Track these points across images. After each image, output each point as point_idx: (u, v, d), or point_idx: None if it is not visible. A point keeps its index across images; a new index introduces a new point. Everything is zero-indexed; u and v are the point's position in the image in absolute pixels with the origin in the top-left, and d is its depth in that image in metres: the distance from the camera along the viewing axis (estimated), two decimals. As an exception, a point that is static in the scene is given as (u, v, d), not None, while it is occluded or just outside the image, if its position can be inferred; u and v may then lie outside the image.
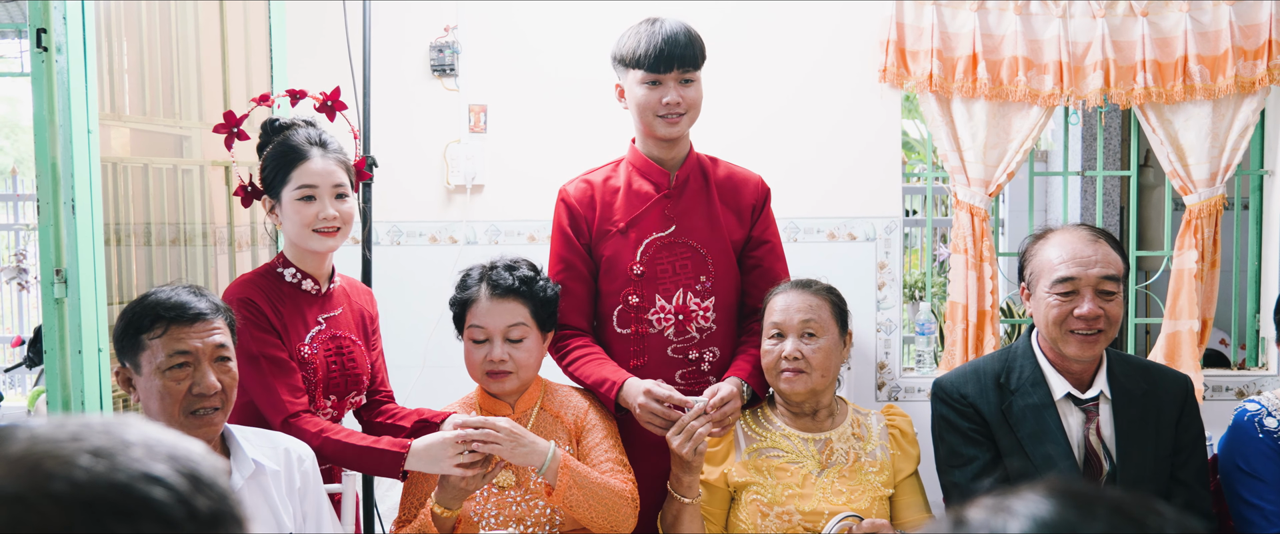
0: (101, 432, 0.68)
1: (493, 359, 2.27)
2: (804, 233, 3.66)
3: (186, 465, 0.69)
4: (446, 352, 2.88)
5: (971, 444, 2.29)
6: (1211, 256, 3.52)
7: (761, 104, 3.66)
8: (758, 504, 2.25)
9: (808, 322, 2.29)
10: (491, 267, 2.33)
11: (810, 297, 2.33)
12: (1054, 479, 0.71)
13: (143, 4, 2.85)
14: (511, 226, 3.74)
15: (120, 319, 1.92)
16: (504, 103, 3.73)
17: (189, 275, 2.98)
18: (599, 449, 2.29)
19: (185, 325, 1.88)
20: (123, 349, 1.91)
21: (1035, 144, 3.61)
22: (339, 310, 2.34)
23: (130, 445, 0.68)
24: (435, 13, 3.71)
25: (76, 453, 0.66)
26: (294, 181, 2.23)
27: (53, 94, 2.33)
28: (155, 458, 0.67)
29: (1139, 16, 3.45)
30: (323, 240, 2.25)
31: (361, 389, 2.37)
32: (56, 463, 0.65)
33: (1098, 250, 2.24)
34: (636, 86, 2.39)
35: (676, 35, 2.37)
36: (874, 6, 3.57)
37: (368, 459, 2.15)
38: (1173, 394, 2.31)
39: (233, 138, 2.35)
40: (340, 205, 2.25)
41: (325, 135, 2.30)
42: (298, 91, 2.43)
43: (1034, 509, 0.69)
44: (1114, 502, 0.69)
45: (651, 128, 2.41)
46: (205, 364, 1.90)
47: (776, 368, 2.30)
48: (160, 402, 1.87)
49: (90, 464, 0.65)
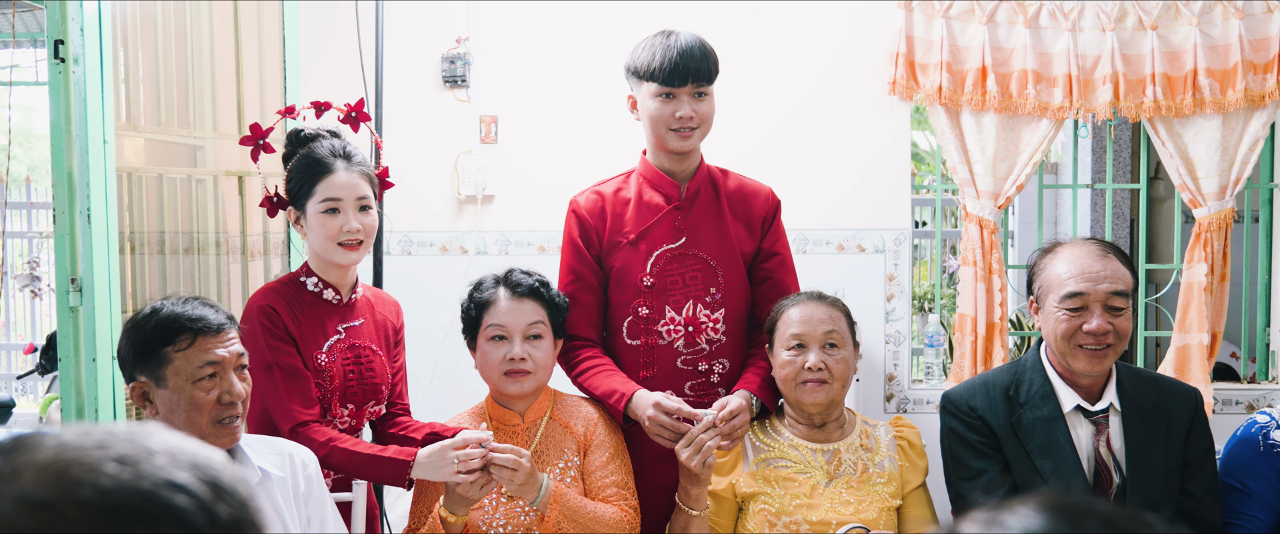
0: (126, 440, 0.70)
1: (514, 357, 2.28)
2: (813, 244, 3.67)
3: (209, 473, 0.70)
4: (457, 361, 2.90)
5: (980, 457, 2.29)
6: (1221, 270, 3.52)
7: (771, 116, 3.67)
8: (765, 514, 2.26)
9: (830, 332, 2.30)
10: (508, 272, 2.37)
11: (829, 308, 2.34)
12: (1046, 492, 0.73)
13: (159, 16, 2.88)
14: (522, 237, 3.75)
15: (132, 336, 1.92)
16: (515, 114, 3.75)
17: (202, 284, 3.00)
18: (603, 471, 2.30)
19: (211, 336, 1.91)
20: (140, 365, 1.91)
21: (1045, 157, 3.62)
22: (360, 321, 2.36)
23: (154, 453, 0.69)
24: (447, 24, 3.74)
25: (102, 460, 0.68)
26: (319, 195, 2.25)
27: (69, 104, 2.36)
28: (179, 466, 0.69)
29: (1149, 30, 3.45)
30: (346, 253, 2.27)
31: (381, 399, 2.38)
32: (83, 470, 0.67)
33: (1106, 265, 2.23)
34: (649, 99, 2.39)
35: (691, 49, 2.37)
36: (884, 19, 3.59)
37: (374, 468, 2.17)
38: (1182, 407, 2.31)
39: (259, 150, 2.36)
40: (364, 218, 2.27)
41: (350, 147, 2.32)
42: (323, 103, 2.44)
43: (1026, 522, 0.70)
44: (1104, 515, 0.70)
45: (664, 141, 2.42)
46: (229, 372, 1.93)
47: (797, 379, 2.29)
48: (189, 413, 1.90)
49: (116, 471, 0.67)
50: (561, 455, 2.30)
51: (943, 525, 0.74)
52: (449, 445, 2.12)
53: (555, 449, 2.31)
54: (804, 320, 2.30)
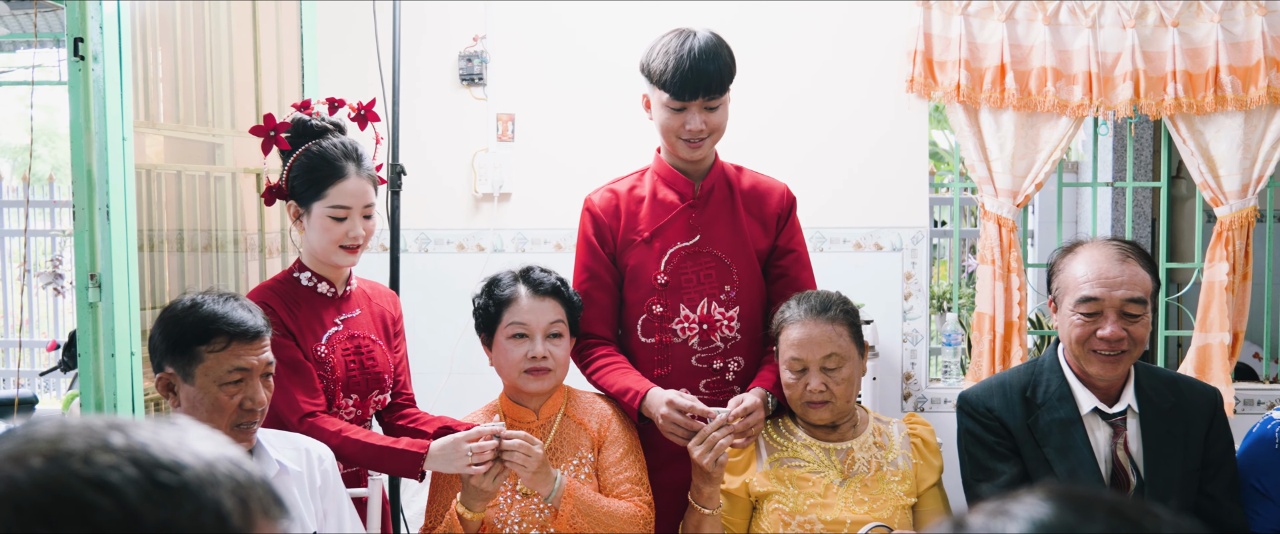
0: (83, 434, 0.67)
1: (535, 355, 2.28)
2: (830, 243, 3.66)
3: (163, 475, 0.67)
4: (473, 358, 2.90)
5: (998, 458, 2.28)
6: (1243, 269, 3.49)
7: (787, 113, 3.66)
8: (779, 514, 2.25)
9: (829, 355, 2.26)
10: (526, 269, 2.36)
11: (827, 325, 2.27)
12: (1053, 483, 0.73)
13: (178, 14, 2.90)
14: (538, 235, 3.76)
15: (167, 326, 1.94)
16: (532, 112, 3.75)
17: (220, 281, 3.02)
18: (618, 466, 2.30)
19: (246, 343, 1.93)
20: (171, 357, 1.93)
21: (1064, 155, 3.60)
22: (357, 312, 2.38)
23: (101, 450, 0.66)
24: (464, 22, 3.75)
25: (31, 453, 0.65)
26: (330, 199, 2.26)
27: (89, 102, 2.37)
28: (126, 464, 0.66)
29: (1170, 27, 3.42)
30: (346, 256, 2.30)
31: (385, 388, 2.40)
32: (11, 464, 0.65)
33: (1125, 270, 2.20)
34: (660, 107, 2.38)
35: (704, 60, 2.31)
36: (902, 17, 3.57)
37: (387, 459, 2.19)
38: (1201, 407, 2.28)
39: (270, 142, 2.35)
40: (367, 224, 2.31)
41: (359, 147, 2.32)
42: (337, 100, 2.45)
43: (1032, 512, 0.70)
44: (1111, 504, 0.70)
45: (674, 149, 2.42)
46: (256, 380, 1.94)
47: (801, 400, 2.28)
48: (210, 413, 1.91)
49: (40, 466, 0.65)
50: (576, 452, 2.31)
51: (952, 517, 0.75)
52: (462, 437, 2.13)
53: (569, 445, 2.31)
54: (802, 343, 2.26)
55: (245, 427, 1.95)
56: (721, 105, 2.39)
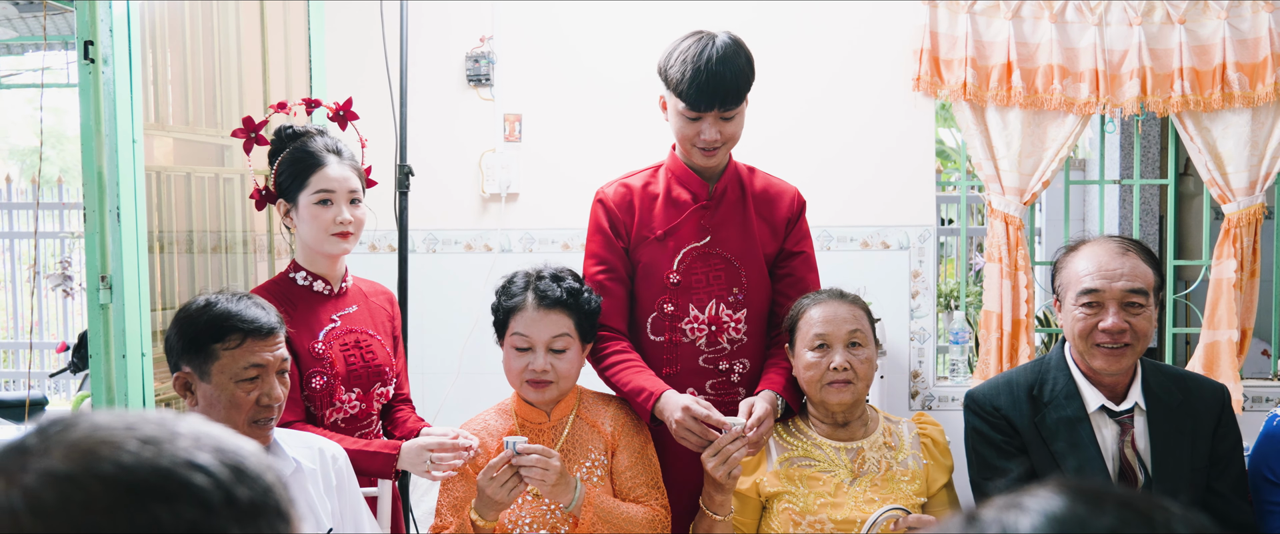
0: (155, 423, 0.74)
1: (535, 369, 2.28)
2: (837, 241, 3.66)
3: (232, 458, 0.74)
4: (482, 358, 2.91)
5: (1005, 457, 2.28)
6: (1251, 266, 3.48)
7: (794, 111, 3.67)
8: (790, 513, 2.26)
9: (854, 332, 2.28)
10: (538, 276, 2.32)
11: (851, 306, 2.31)
12: (1064, 477, 0.74)
13: (186, 17, 2.91)
14: (546, 235, 3.77)
15: (183, 326, 1.97)
16: (539, 112, 3.76)
17: (229, 282, 3.04)
18: (633, 470, 2.30)
19: (261, 339, 1.97)
20: (188, 356, 1.96)
21: (1071, 152, 3.60)
22: (354, 307, 2.42)
23: (179, 436, 0.73)
24: (471, 23, 3.76)
25: (128, 439, 0.71)
26: (312, 186, 2.32)
27: (99, 105, 2.39)
28: (201, 448, 0.73)
29: (1176, 24, 3.42)
30: (338, 243, 2.34)
31: (387, 381, 2.43)
32: (108, 447, 0.71)
33: (1125, 263, 2.21)
34: (676, 114, 2.38)
35: (721, 70, 2.29)
36: (908, 16, 3.57)
37: (362, 461, 2.26)
38: (1209, 404, 2.28)
39: (252, 143, 2.44)
40: (354, 210, 2.35)
41: (339, 143, 2.40)
42: (313, 101, 2.56)
43: (1044, 505, 0.71)
44: (1123, 498, 0.71)
45: (689, 155, 2.42)
46: (272, 376, 1.98)
47: (822, 380, 2.28)
48: (227, 410, 1.95)
49: (138, 449, 0.71)
50: (588, 455, 2.31)
51: (963, 511, 0.76)
52: (425, 444, 2.21)
53: (582, 448, 2.31)
54: (827, 320, 2.29)
55: (263, 423, 1.98)
56: (737, 115, 2.38)
